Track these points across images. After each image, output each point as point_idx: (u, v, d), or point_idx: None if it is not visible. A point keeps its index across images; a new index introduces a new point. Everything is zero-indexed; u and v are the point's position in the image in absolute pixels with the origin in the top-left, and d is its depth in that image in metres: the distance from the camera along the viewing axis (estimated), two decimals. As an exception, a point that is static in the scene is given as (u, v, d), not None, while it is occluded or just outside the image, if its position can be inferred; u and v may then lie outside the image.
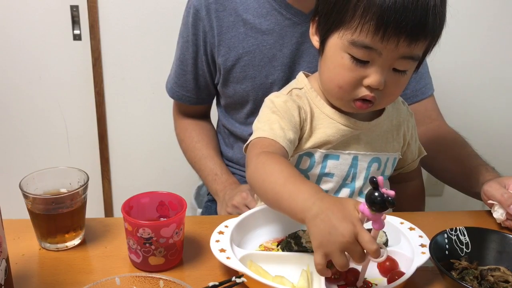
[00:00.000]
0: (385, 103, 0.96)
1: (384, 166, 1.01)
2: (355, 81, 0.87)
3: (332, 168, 0.97)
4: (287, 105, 0.93)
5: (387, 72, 0.86)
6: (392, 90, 0.90)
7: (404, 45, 0.83)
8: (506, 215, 0.98)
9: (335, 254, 0.68)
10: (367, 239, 0.67)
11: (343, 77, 0.88)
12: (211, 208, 1.38)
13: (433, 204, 2.24)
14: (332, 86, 0.90)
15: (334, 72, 0.89)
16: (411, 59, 0.86)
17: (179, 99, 1.35)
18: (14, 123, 2.12)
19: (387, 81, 0.87)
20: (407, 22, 0.80)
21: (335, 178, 0.98)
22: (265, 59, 1.18)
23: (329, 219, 0.69)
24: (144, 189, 0.94)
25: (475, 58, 2.11)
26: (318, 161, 0.96)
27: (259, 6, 1.17)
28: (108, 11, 1.96)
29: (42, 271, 0.85)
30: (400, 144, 1.04)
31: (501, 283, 0.81)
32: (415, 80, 1.25)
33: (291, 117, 0.92)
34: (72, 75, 2.05)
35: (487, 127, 2.16)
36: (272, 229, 0.94)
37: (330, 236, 0.68)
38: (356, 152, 0.97)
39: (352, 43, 0.84)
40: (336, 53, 0.88)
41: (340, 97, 0.91)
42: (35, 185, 0.90)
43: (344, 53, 0.86)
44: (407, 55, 0.85)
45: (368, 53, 0.84)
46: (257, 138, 0.90)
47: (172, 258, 0.85)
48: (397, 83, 0.89)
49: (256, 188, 0.85)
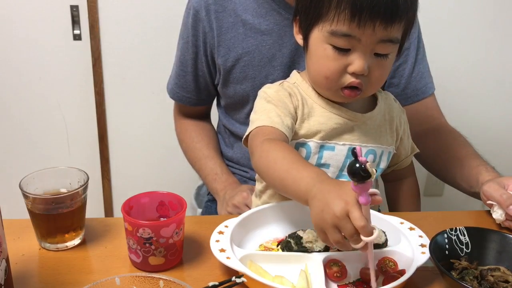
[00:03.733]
0: (373, 89, 0.98)
1: (379, 159, 1.03)
2: (340, 70, 0.91)
3: (328, 159, 0.99)
4: (279, 94, 0.97)
5: (369, 57, 0.90)
6: (377, 74, 0.93)
7: (381, 29, 0.87)
8: (505, 216, 0.98)
9: (329, 231, 0.72)
10: (356, 216, 0.70)
11: (328, 67, 0.92)
12: (211, 208, 1.38)
13: (433, 204, 2.24)
14: (320, 78, 0.95)
15: (319, 64, 0.93)
16: (391, 42, 0.90)
17: (180, 100, 1.35)
18: (14, 123, 2.12)
19: (370, 66, 0.91)
20: (380, 6, 0.85)
21: (331, 168, 0.99)
22: (264, 59, 1.18)
23: (325, 198, 0.73)
24: (144, 189, 0.94)
25: (475, 58, 2.11)
26: (314, 151, 0.98)
27: (258, 6, 1.17)
28: (108, 11, 1.96)
29: (42, 271, 0.85)
30: (394, 138, 1.06)
31: (501, 283, 0.80)
32: (416, 80, 1.25)
33: (285, 105, 0.96)
34: (72, 75, 2.05)
35: (487, 126, 2.16)
36: (272, 229, 0.94)
37: (323, 213, 0.73)
38: (351, 143, 0.99)
39: (332, 34, 0.89)
40: (318, 46, 0.92)
41: (328, 87, 0.95)
42: (35, 185, 0.90)
43: (326, 44, 0.91)
44: (386, 38, 0.89)
45: (348, 41, 0.88)
46: (257, 128, 0.93)
47: (172, 258, 0.85)
48: (381, 68, 0.93)
49: (262, 176, 0.91)
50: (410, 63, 1.24)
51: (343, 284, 0.82)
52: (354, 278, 0.83)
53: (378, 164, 1.04)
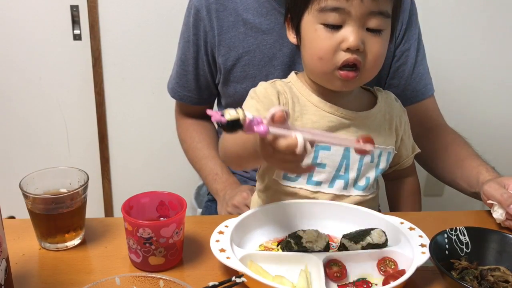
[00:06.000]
0: (371, 69, 0.95)
1: (377, 160, 1.03)
2: (333, 48, 0.91)
3: (323, 159, 0.98)
4: (267, 91, 0.99)
5: (362, 32, 0.90)
6: (373, 51, 0.92)
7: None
8: (505, 215, 0.98)
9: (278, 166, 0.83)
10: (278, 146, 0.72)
11: (321, 47, 0.92)
12: (211, 208, 1.38)
13: (433, 204, 2.24)
14: (314, 62, 0.95)
15: (312, 47, 0.94)
16: (382, 15, 0.91)
17: (181, 99, 1.35)
18: (14, 123, 2.12)
19: (365, 41, 0.91)
20: None
21: (327, 168, 0.99)
22: (265, 59, 1.18)
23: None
24: (144, 189, 0.94)
25: (475, 58, 2.11)
26: None
27: (259, 5, 1.17)
28: (108, 11, 1.96)
29: (42, 271, 0.85)
30: (393, 138, 1.05)
31: (501, 283, 0.80)
32: (416, 81, 1.25)
33: (270, 101, 0.97)
34: (72, 75, 2.05)
35: (487, 127, 2.16)
36: (272, 229, 0.94)
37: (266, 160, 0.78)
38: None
39: (321, 11, 0.90)
40: (310, 29, 0.93)
41: (324, 70, 0.94)
42: (35, 185, 0.90)
43: (317, 25, 0.92)
44: (376, 10, 0.90)
45: (338, 16, 0.89)
46: None
47: (172, 258, 0.85)
48: (376, 44, 0.92)
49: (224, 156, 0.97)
50: (409, 64, 1.24)
51: (343, 284, 0.82)
52: (354, 278, 0.83)
53: (377, 165, 1.03)
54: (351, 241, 0.87)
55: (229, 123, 0.68)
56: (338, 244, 0.89)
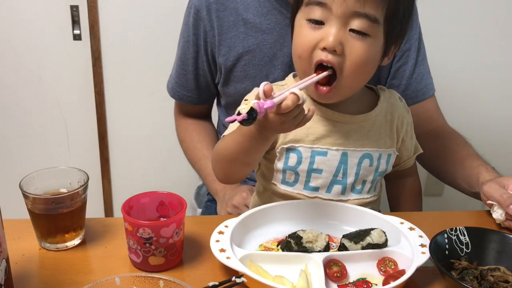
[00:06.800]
0: (350, 75, 0.90)
1: (377, 163, 1.01)
2: (311, 46, 0.90)
3: (320, 164, 0.98)
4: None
5: (343, 32, 0.88)
6: (353, 54, 0.88)
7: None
8: (505, 216, 0.98)
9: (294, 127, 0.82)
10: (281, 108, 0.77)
11: (301, 45, 0.91)
12: (211, 208, 1.38)
13: (433, 204, 2.24)
14: (295, 60, 0.95)
15: (295, 44, 0.94)
16: (367, 18, 0.87)
17: (180, 99, 1.35)
18: (14, 123, 2.12)
19: (345, 43, 0.88)
20: None
21: (324, 174, 0.98)
22: (265, 58, 1.18)
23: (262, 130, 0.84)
24: (144, 189, 0.94)
25: (476, 58, 2.11)
26: (305, 156, 0.97)
27: (260, 5, 1.17)
28: (108, 11, 1.96)
29: (42, 271, 0.85)
30: (394, 140, 1.03)
31: (501, 283, 0.80)
32: (416, 81, 1.25)
33: None
34: (72, 75, 2.05)
35: (488, 127, 2.16)
36: (272, 229, 0.94)
37: (275, 131, 0.83)
38: (345, 148, 0.98)
39: (307, 5, 0.90)
40: (297, 25, 0.93)
41: (302, 68, 0.93)
42: (35, 185, 0.90)
43: (303, 21, 0.91)
44: (361, 12, 0.86)
45: (321, 12, 0.88)
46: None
47: (172, 258, 0.85)
48: (358, 47, 0.88)
49: (217, 156, 0.97)
50: (410, 64, 1.24)
51: (343, 284, 0.82)
52: (354, 278, 0.83)
53: (377, 168, 1.02)
54: (351, 241, 0.87)
55: (249, 114, 0.73)
56: (338, 244, 0.89)
